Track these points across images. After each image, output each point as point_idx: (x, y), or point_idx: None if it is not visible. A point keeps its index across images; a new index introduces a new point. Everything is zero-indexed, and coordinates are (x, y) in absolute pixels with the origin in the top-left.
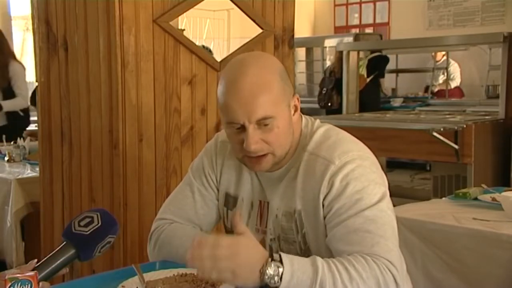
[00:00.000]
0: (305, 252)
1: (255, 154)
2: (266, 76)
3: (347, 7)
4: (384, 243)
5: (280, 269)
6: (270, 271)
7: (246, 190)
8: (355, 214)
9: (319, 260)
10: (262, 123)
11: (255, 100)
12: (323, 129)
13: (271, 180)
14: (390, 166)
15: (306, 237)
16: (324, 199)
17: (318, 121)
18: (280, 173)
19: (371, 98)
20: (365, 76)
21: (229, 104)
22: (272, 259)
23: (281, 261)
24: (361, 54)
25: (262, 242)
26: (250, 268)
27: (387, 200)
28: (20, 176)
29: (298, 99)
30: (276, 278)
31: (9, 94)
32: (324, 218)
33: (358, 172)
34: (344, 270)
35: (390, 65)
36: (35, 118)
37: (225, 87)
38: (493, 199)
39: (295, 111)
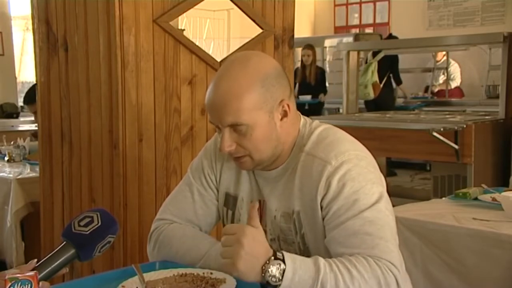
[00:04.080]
0: (304, 252)
1: (231, 155)
2: (243, 83)
3: (347, 7)
4: (384, 245)
5: (282, 267)
6: (272, 268)
7: (246, 190)
8: (353, 216)
9: (321, 260)
10: (235, 128)
11: (225, 107)
12: (320, 129)
13: (268, 180)
14: (390, 166)
15: (305, 237)
16: (322, 200)
17: (316, 121)
18: (277, 173)
19: (388, 105)
20: (378, 81)
21: (207, 105)
22: (275, 258)
23: (283, 260)
24: (362, 55)
25: None
26: (251, 260)
27: (385, 200)
28: (20, 176)
29: (288, 104)
30: (278, 276)
31: None
32: (323, 219)
33: (355, 172)
34: (345, 270)
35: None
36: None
37: (209, 88)
38: (493, 199)
39: (284, 116)
